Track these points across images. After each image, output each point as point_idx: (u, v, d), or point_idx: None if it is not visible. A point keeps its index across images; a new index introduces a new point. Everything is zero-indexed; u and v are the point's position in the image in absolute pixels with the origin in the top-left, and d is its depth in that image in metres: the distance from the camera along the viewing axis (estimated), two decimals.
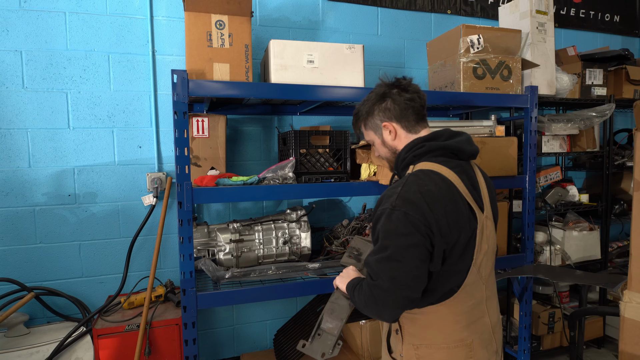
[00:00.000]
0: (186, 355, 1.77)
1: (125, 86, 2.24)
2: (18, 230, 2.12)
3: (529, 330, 2.37)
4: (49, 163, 2.15)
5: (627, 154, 3.04)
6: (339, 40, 2.61)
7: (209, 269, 1.91)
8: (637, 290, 1.76)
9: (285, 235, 2.12)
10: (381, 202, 1.18)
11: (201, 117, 2.06)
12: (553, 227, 2.77)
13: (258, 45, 2.41)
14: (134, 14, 2.24)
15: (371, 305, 1.12)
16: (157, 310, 2.03)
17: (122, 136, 2.25)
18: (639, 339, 1.74)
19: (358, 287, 1.19)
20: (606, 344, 2.97)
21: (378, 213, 1.16)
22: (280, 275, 1.97)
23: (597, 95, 2.82)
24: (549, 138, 2.72)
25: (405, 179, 1.18)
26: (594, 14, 3.37)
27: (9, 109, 2.08)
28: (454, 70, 2.29)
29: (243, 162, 2.49)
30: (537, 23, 2.48)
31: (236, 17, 1.89)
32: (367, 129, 1.39)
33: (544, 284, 2.86)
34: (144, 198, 2.28)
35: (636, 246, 1.77)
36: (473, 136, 2.29)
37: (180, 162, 1.70)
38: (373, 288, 1.11)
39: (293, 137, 2.02)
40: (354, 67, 2.00)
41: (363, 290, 1.15)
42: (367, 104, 1.37)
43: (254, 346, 2.58)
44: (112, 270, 2.27)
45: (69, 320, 2.13)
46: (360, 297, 1.16)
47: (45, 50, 2.11)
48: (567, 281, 2.73)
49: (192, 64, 1.85)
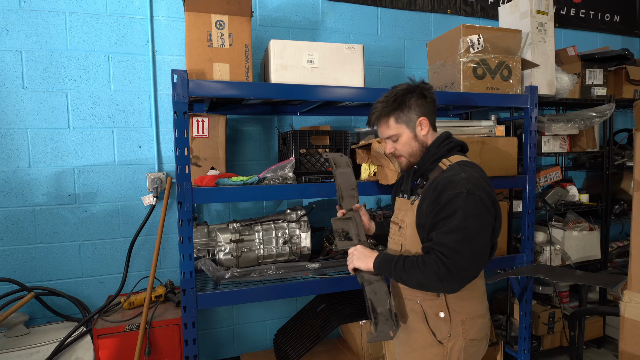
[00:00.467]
0: (186, 355, 1.77)
1: (125, 86, 2.24)
2: (18, 230, 2.12)
3: (529, 330, 2.37)
4: (49, 163, 2.15)
5: (627, 154, 3.04)
6: (339, 40, 2.61)
7: (209, 269, 1.91)
8: (637, 290, 1.76)
9: (285, 235, 2.12)
10: (444, 186, 1.27)
11: (201, 117, 2.06)
12: (553, 227, 2.77)
13: (258, 45, 2.42)
14: (134, 14, 2.24)
15: (441, 279, 1.21)
16: (157, 310, 2.03)
17: (122, 136, 2.25)
18: (639, 339, 1.74)
19: (416, 262, 1.25)
20: (606, 344, 2.97)
21: (449, 196, 1.24)
22: (280, 275, 1.97)
23: (597, 95, 2.82)
24: (549, 138, 2.72)
25: (456, 168, 1.31)
26: (594, 14, 3.37)
27: (9, 109, 2.08)
28: (454, 70, 2.29)
29: (243, 162, 2.49)
30: (537, 23, 2.48)
31: (236, 17, 1.89)
32: (399, 122, 1.40)
33: (544, 284, 2.86)
34: (144, 198, 2.28)
35: (636, 246, 1.77)
36: (473, 136, 2.31)
37: (180, 162, 1.70)
38: (449, 265, 1.19)
39: (293, 137, 2.02)
40: (354, 67, 2.00)
41: (429, 265, 1.22)
42: (401, 98, 1.38)
43: (254, 346, 2.58)
44: (112, 270, 2.27)
45: (69, 320, 2.13)
46: (422, 271, 1.23)
47: (45, 50, 2.11)
48: (567, 281, 2.73)
49: (192, 64, 1.85)
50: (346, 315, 2.13)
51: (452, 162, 1.36)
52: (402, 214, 1.46)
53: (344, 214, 1.56)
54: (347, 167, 1.69)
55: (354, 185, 1.63)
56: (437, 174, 1.36)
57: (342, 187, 1.61)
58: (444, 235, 1.22)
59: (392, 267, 1.30)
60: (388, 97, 1.41)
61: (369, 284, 1.35)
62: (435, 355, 1.38)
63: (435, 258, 1.22)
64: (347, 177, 1.65)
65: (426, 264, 1.23)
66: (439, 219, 1.26)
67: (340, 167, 1.67)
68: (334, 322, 2.11)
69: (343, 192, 1.60)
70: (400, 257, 1.31)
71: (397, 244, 1.47)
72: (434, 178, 1.35)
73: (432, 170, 1.39)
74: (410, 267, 1.26)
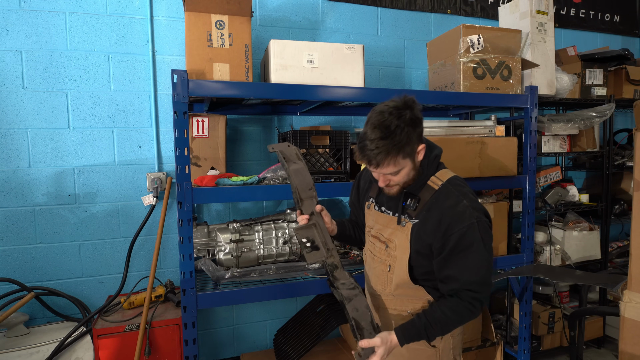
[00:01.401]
0: (186, 355, 1.77)
1: (125, 86, 2.24)
2: (18, 230, 2.12)
3: (529, 330, 2.37)
4: (49, 163, 2.15)
5: (627, 154, 3.04)
6: (339, 40, 2.61)
7: (209, 269, 1.91)
8: (637, 290, 1.75)
9: (285, 235, 2.12)
10: (452, 220, 1.24)
11: (201, 117, 2.06)
12: (553, 227, 2.77)
13: (258, 45, 2.41)
14: (134, 14, 2.24)
15: (475, 312, 1.25)
16: (157, 310, 2.03)
17: (122, 136, 2.25)
18: (639, 339, 1.74)
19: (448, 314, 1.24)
20: (606, 344, 2.97)
21: (461, 230, 1.22)
22: (280, 275, 1.97)
23: (597, 95, 2.81)
24: (549, 138, 2.72)
25: (453, 193, 1.29)
26: (594, 14, 3.37)
27: (9, 109, 2.08)
28: (454, 70, 2.29)
29: (243, 162, 2.49)
30: (537, 23, 2.48)
31: (236, 17, 1.89)
32: (405, 158, 1.24)
33: (544, 284, 2.86)
34: (144, 198, 2.28)
35: (636, 246, 1.77)
36: (473, 136, 2.30)
37: (180, 162, 1.70)
38: (481, 297, 1.24)
39: (293, 137, 2.02)
40: (354, 67, 2.00)
41: (463, 308, 1.24)
42: (403, 134, 1.19)
43: (254, 346, 2.58)
44: (112, 270, 2.27)
45: (69, 320, 2.13)
46: (460, 319, 1.27)
47: (45, 50, 2.11)
48: (567, 281, 2.73)
49: (192, 64, 1.85)
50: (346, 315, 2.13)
51: (441, 179, 1.32)
52: (388, 232, 1.38)
53: (308, 219, 1.36)
54: (299, 160, 1.45)
55: (311, 184, 1.40)
56: (428, 194, 1.31)
57: (299, 188, 1.38)
58: (467, 272, 1.24)
59: (426, 336, 1.25)
60: (389, 134, 1.18)
61: (349, 302, 1.28)
62: (427, 358, 1.38)
63: (467, 298, 1.24)
64: (302, 174, 1.41)
65: (460, 309, 1.25)
66: (455, 253, 1.23)
67: (291, 163, 1.43)
68: (334, 322, 2.11)
69: (301, 193, 1.38)
70: (425, 323, 1.25)
71: (383, 263, 1.39)
72: (429, 202, 1.30)
73: (422, 189, 1.33)
74: (445, 323, 1.25)
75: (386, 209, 1.42)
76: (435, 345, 1.36)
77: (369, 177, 1.50)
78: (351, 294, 1.30)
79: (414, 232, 1.31)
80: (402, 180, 1.30)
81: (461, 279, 1.23)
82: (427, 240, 1.28)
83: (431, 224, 1.27)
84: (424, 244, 1.29)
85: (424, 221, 1.30)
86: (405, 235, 1.33)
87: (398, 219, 1.35)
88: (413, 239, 1.31)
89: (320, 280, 1.94)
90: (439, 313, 1.25)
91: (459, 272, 1.24)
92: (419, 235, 1.30)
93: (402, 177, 1.29)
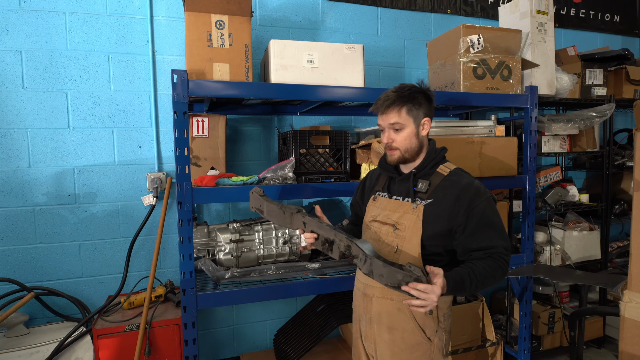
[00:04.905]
0: (186, 355, 1.77)
1: (125, 86, 2.24)
2: (18, 230, 2.12)
3: (529, 330, 2.37)
4: (49, 163, 2.15)
5: (627, 154, 3.04)
6: (339, 40, 2.61)
7: (209, 269, 1.91)
8: (637, 290, 1.76)
9: (285, 236, 2.12)
10: (473, 195, 1.36)
11: (201, 117, 2.06)
12: (553, 227, 2.77)
13: (258, 45, 2.41)
14: (134, 14, 2.24)
15: (505, 273, 1.36)
16: (157, 310, 2.03)
17: (122, 136, 2.25)
18: (639, 339, 1.74)
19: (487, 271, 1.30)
20: (606, 344, 2.97)
21: (482, 205, 1.36)
22: (280, 275, 1.97)
23: (597, 95, 2.81)
24: (549, 138, 2.72)
25: (465, 176, 1.43)
26: (594, 14, 3.37)
27: (9, 109, 2.08)
28: (454, 70, 2.29)
29: (243, 162, 2.49)
30: (537, 23, 2.48)
31: (236, 17, 1.89)
32: (409, 114, 1.42)
33: (544, 284, 2.86)
34: (144, 198, 2.28)
35: (636, 246, 1.77)
36: (473, 136, 2.30)
37: (180, 162, 1.70)
38: (508, 258, 1.35)
39: (293, 137, 2.02)
40: (354, 67, 2.00)
41: (499, 267, 1.32)
42: (414, 94, 1.42)
43: (254, 346, 2.58)
44: (112, 270, 2.27)
45: (69, 320, 2.13)
46: (495, 276, 1.32)
47: (45, 50, 2.11)
48: (567, 281, 2.73)
49: (192, 64, 1.85)
50: (346, 315, 2.12)
51: (450, 168, 1.45)
52: (396, 216, 1.45)
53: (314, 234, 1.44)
54: (265, 201, 1.54)
55: (282, 213, 1.48)
56: (439, 178, 1.43)
57: (281, 224, 1.51)
58: (496, 238, 1.35)
59: (468, 287, 1.28)
60: (401, 89, 1.42)
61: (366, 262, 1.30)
62: (423, 353, 1.42)
63: (499, 259, 1.34)
64: (274, 213, 1.51)
65: (496, 268, 1.33)
66: (481, 225, 1.35)
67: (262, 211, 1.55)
68: (334, 322, 2.11)
69: (287, 224, 1.49)
70: (468, 275, 1.28)
71: (390, 245, 1.45)
72: (442, 184, 1.41)
73: (432, 174, 1.45)
74: (485, 277, 1.31)
75: (396, 196, 1.50)
76: (431, 338, 1.42)
77: (375, 176, 1.63)
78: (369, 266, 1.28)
79: (427, 212, 1.40)
80: (402, 143, 1.42)
81: (491, 244, 1.34)
82: (444, 216, 1.38)
83: (448, 202, 1.38)
84: (441, 221, 1.38)
85: (438, 201, 1.40)
86: (417, 217, 1.40)
87: (412, 198, 1.44)
88: (425, 219, 1.39)
89: (320, 280, 1.94)
90: (480, 267, 1.31)
91: (489, 239, 1.35)
92: (434, 214, 1.39)
93: (403, 138, 1.42)
